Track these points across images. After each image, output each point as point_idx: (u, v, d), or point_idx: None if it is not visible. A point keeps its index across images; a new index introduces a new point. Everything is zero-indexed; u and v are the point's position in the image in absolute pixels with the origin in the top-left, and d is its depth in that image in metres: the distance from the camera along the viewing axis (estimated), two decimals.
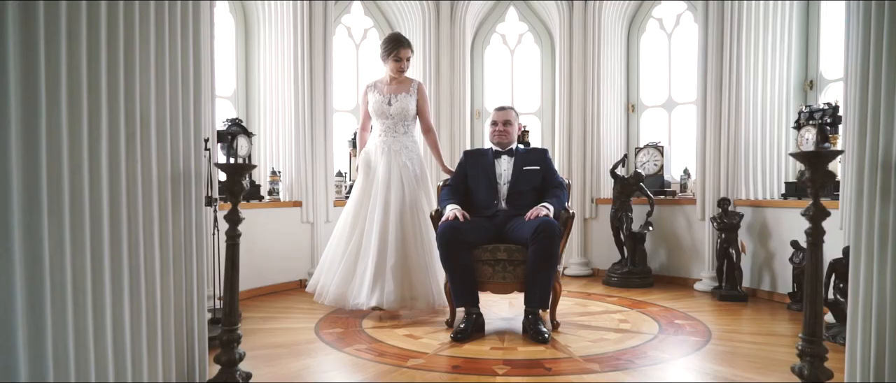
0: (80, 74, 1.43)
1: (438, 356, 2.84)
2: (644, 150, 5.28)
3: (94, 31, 1.50)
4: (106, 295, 1.52)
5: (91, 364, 1.45)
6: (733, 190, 4.52)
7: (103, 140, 1.52)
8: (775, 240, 4.29)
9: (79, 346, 1.42)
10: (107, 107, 1.55)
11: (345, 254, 3.75)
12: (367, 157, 3.95)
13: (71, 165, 1.41)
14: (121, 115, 1.60)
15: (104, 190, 1.53)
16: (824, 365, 1.92)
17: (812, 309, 1.88)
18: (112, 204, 1.58)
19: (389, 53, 3.90)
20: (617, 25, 5.54)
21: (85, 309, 1.44)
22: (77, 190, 1.43)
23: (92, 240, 1.49)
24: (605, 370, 2.66)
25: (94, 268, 1.50)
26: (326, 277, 3.77)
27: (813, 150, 2.39)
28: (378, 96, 3.95)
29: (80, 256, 1.43)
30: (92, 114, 1.49)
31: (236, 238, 2.08)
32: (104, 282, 1.52)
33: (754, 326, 3.55)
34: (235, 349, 2.07)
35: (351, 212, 3.88)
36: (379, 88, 3.98)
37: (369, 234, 3.70)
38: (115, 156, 1.59)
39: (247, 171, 2.07)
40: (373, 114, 3.97)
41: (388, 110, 3.92)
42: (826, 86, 4.36)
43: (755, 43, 4.41)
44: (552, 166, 3.74)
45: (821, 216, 1.87)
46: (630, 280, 4.81)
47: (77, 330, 1.42)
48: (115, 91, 1.58)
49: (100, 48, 1.50)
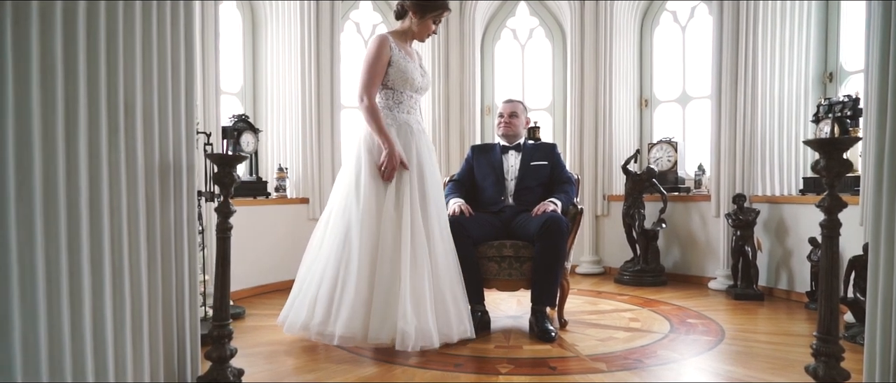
0: (55, 57, 1.38)
1: (440, 353, 2.77)
2: (657, 146, 5.17)
3: (71, 14, 1.45)
4: (84, 288, 1.47)
5: (66, 361, 1.39)
6: (749, 186, 4.40)
7: (81, 126, 1.47)
8: (793, 237, 4.15)
9: (52, 343, 1.37)
10: (85, 93, 1.50)
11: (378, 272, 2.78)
12: (408, 141, 3.02)
13: (44, 152, 1.36)
14: (101, 102, 1.55)
15: (82, 178, 1.48)
16: (840, 366, 1.81)
17: (827, 306, 1.78)
18: (92, 193, 1.53)
19: (433, 11, 3.05)
20: (630, 19, 5.42)
21: (59, 302, 1.38)
22: (50, 177, 1.38)
23: (68, 230, 1.44)
24: (613, 369, 2.57)
25: (72, 260, 1.45)
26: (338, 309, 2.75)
27: (828, 137, 2.28)
28: (408, 61, 3.05)
29: (54, 247, 1.38)
30: (69, 100, 1.44)
31: (227, 231, 2.03)
32: (82, 275, 1.47)
33: (770, 326, 3.43)
34: (227, 345, 2.02)
35: (372, 213, 2.85)
36: (404, 50, 3.09)
37: (418, 246, 2.84)
38: (96, 144, 1.54)
39: (238, 163, 2.01)
40: (399, 80, 3.02)
41: (422, 82, 3.13)
42: (847, 78, 4.21)
43: (772, 34, 4.27)
44: (561, 161, 3.66)
45: (837, 207, 1.77)
46: (642, 278, 4.70)
47: (51, 325, 1.37)
48: (96, 77, 1.53)
49: (77, 31, 1.45)
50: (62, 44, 1.42)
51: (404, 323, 2.67)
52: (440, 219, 3.02)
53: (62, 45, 1.42)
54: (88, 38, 1.51)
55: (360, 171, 2.95)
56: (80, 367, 1.45)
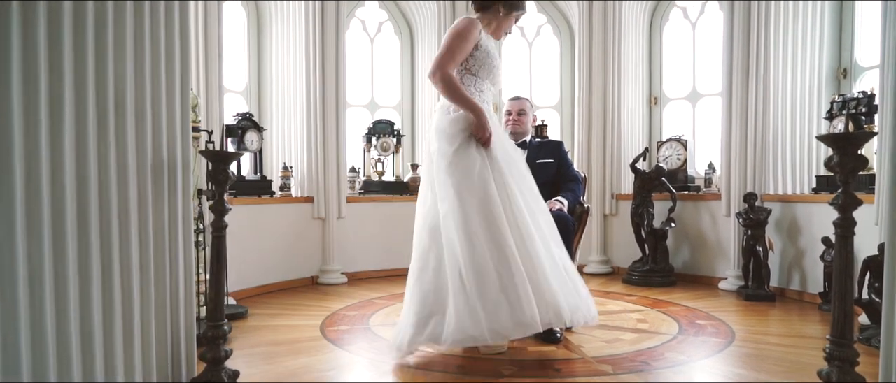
0: (38, 50, 1.35)
1: (442, 355, 2.71)
2: (667, 144, 5.08)
3: (56, 11, 1.41)
4: (69, 287, 1.43)
5: (50, 360, 1.36)
6: (761, 184, 4.31)
7: (66, 121, 1.43)
8: (806, 236, 4.06)
9: (36, 342, 1.33)
10: (72, 88, 1.46)
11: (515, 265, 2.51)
12: (499, 137, 2.75)
13: (25, 147, 1.32)
14: (89, 97, 1.51)
15: (68, 175, 1.44)
16: (855, 371, 1.74)
17: (841, 308, 1.71)
18: (80, 191, 1.49)
19: (516, 10, 2.89)
20: (639, 15, 5.34)
21: (42, 301, 1.35)
22: (33, 174, 1.34)
23: (53, 227, 1.40)
24: (618, 372, 2.50)
25: (57, 258, 1.41)
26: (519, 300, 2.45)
27: (842, 133, 2.21)
28: (492, 48, 2.83)
29: (37, 244, 1.34)
30: (53, 95, 1.40)
31: (222, 230, 1.99)
32: (68, 273, 1.43)
33: (781, 327, 3.35)
34: (221, 346, 1.98)
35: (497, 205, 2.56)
36: (489, 40, 2.85)
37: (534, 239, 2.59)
38: (83, 139, 1.50)
39: (232, 159, 1.97)
40: (484, 67, 2.76)
41: (498, 76, 2.90)
42: (862, 74, 4.11)
43: (784, 29, 4.18)
44: (567, 159, 3.59)
45: (851, 205, 1.70)
46: (651, 278, 4.62)
47: (33, 323, 1.33)
48: (83, 71, 1.49)
49: (62, 25, 1.42)
50: (46, 37, 1.38)
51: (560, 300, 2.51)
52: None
53: (46, 39, 1.38)
54: (75, 32, 1.48)
55: (459, 163, 2.60)
56: (66, 367, 1.41)
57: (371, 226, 5.00)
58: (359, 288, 4.53)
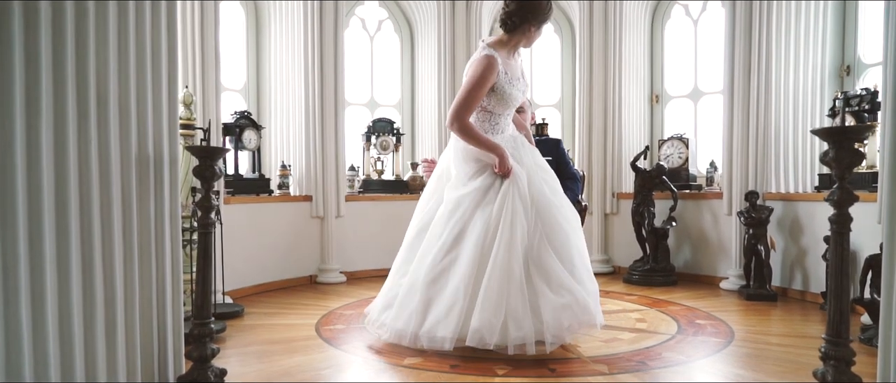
0: (12, 39, 1.33)
1: (436, 354, 2.68)
2: (668, 142, 5.04)
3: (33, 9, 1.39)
4: (46, 283, 1.41)
5: (25, 359, 1.34)
6: (762, 183, 4.26)
7: (43, 115, 1.41)
8: (808, 235, 4.01)
9: (10, 341, 1.31)
10: (50, 80, 1.44)
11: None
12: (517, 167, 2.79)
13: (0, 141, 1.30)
14: (68, 90, 1.49)
15: (45, 170, 1.41)
16: (851, 370, 1.70)
17: (836, 307, 1.67)
18: (58, 186, 1.47)
19: (542, 22, 2.86)
20: (640, 12, 5.30)
21: (17, 296, 1.33)
22: (7, 168, 1.32)
23: (29, 223, 1.38)
24: (615, 372, 2.47)
25: (33, 253, 1.39)
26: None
27: (837, 126, 2.15)
28: (512, 83, 2.82)
29: (12, 237, 1.32)
30: (29, 86, 1.38)
31: (209, 227, 1.97)
32: (44, 270, 1.40)
33: (783, 327, 3.30)
34: (208, 344, 1.96)
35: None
36: (509, 67, 2.82)
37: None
38: (62, 134, 1.47)
39: (219, 156, 1.95)
40: (499, 104, 2.80)
41: (520, 98, 2.91)
42: (865, 71, 4.05)
43: (786, 26, 4.12)
44: (566, 157, 3.56)
45: (847, 200, 1.66)
46: (652, 278, 4.58)
47: (7, 320, 1.31)
48: (61, 63, 1.47)
49: (39, 16, 1.40)
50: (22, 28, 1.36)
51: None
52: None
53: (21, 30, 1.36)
54: (53, 25, 1.46)
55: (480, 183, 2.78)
56: (43, 366, 1.39)
57: (370, 225, 4.98)
58: (357, 287, 4.51)
